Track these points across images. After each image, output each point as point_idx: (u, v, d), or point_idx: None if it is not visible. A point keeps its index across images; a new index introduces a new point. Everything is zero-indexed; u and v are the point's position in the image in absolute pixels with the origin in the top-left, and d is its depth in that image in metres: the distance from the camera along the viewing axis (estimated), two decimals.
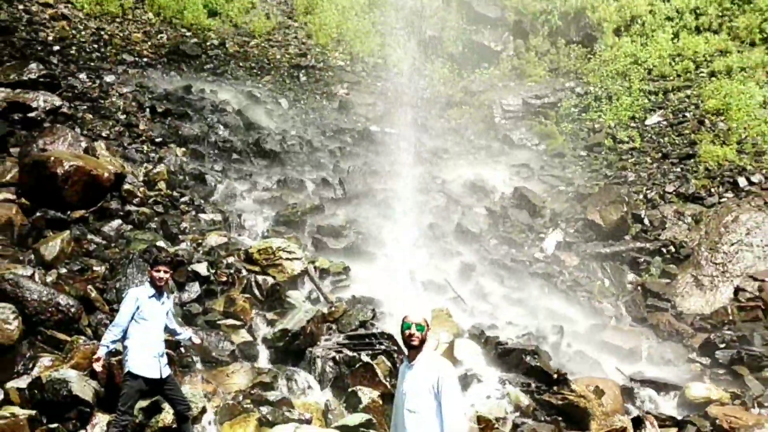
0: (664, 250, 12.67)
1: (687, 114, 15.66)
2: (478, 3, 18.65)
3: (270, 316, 8.97)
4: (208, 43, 17.79)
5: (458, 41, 18.44)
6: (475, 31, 18.41)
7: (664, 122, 15.67)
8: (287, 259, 9.79)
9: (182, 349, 7.85)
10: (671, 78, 16.60)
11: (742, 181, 13.56)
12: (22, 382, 6.88)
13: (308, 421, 7.22)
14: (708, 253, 12.38)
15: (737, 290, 11.80)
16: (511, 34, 18.36)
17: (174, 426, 6.71)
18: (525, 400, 8.33)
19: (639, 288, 12.16)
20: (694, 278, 12.15)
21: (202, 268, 9.22)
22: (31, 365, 7.16)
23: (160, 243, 9.61)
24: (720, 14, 17.23)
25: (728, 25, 16.99)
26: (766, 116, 14.96)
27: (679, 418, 8.66)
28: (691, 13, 17.53)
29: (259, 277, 9.48)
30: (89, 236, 9.50)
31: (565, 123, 16.30)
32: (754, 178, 13.59)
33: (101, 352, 6.40)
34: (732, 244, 12.37)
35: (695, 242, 12.64)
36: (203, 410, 7.13)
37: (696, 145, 14.75)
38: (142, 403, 6.72)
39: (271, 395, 7.51)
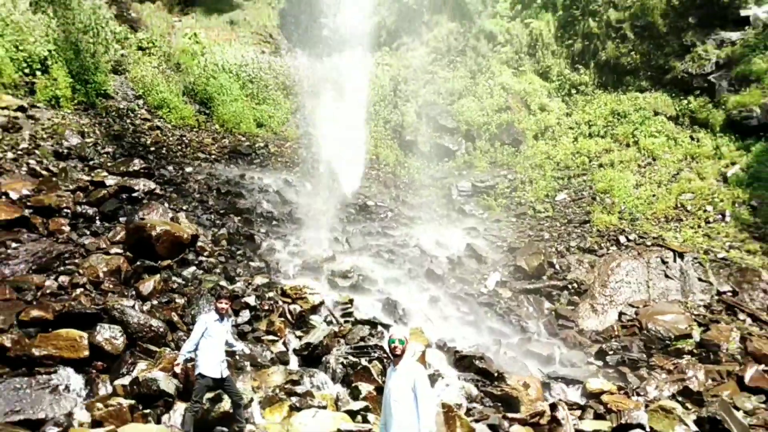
0: (570, 286, 12.63)
1: (584, 193, 15.73)
2: (440, 117, 18.75)
3: (298, 333, 8.98)
4: (256, 145, 17.87)
5: (427, 143, 18.52)
6: (439, 136, 18.50)
7: (569, 198, 15.73)
8: (310, 293, 9.83)
9: (237, 357, 7.84)
10: (573, 168, 16.69)
11: (622, 239, 13.57)
12: (125, 380, 6.92)
13: (324, 407, 7.24)
14: (600, 288, 12.35)
15: (620, 314, 11.76)
16: (463, 138, 18.45)
17: (231, 411, 6.73)
18: (475, 392, 8.31)
19: (553, 313, 12.10)
20: (591, 306, 12.11)
21: (251, 300, 9.25)
22: (131, 368, 7.17)
23: (222, 283, 9.63)
24: (605, 125, 17.37)
25: (611, 133, 17.12)
26: (637, 194, 15.05)
27: (582, 403, 8.61)
28: (585, 125, 17.68)
29: (291, 306, 9.47)
30: (173, 278, 9.47)
31: (500, 199, 16.33)
32: (630, 237, 13.61)
33: (180, 359, 6.55)
34: (616, 282, 12.35)
35: (591, 281, 12.62)
36: (251, 400, 7.18)
37: (590, 214, 14.79)
38: (209, 395, 6.72)
39: (299, 389, 7.53)
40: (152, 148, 15.30)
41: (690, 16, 17.28)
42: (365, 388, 7.70)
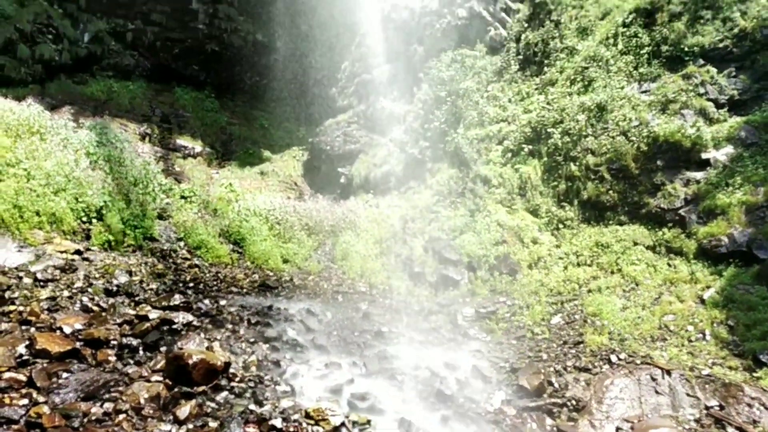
0: (569, 403, 12.25)
1: (576, 316, 15.57)
2: (445, 251, 18.89)
3: None
4: (282, 279, 17.98)
5: (434, 274, 18.56)
6: (444, 268, 18.56)
7: (563, 321, 15.55)
8: (331, 415, 9.56)
9: None
10: (565, 294, 16.62)
11: (614, 358, 13.29)
12: None
13: None
14: (596, 405, 11.97)
15: (617, 429, 11.31)
16: (465, 269, 18.50)
17: None
18: None
19: (555, 429, 11.67)
20: (589, 422, 11.68)
21: (278, 422, 8.98)
22: None
23: (252, 406, 9.41)
24: (591, 255, 17.44)
25: (597, 262, 17.17)
26: (624, 317, 14.88)
27: None
28: (573, 255, 17.76)
29: (314, 428, 9.19)
30: (207, 403, 9.28)
31: (501, 323, 16.17)
32: (621, 356, 13.34)
33: None
34: (611, 399, 11.98)
35: (588, 398, 12.25)
36: None
37: (583, 336, 14.56)
38: None
39: None
40: (191, 284, 15.42)
41: (658, 160, 17.77)
42: None
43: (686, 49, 19.04)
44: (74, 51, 27.73)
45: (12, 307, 11.10)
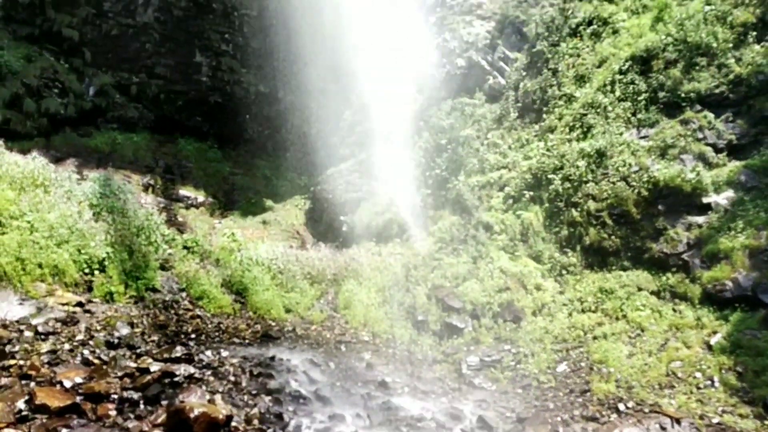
0: None
1: (582, 364, 15.41)
2: (448, 299, 18.82)
3: None
4: (285, 329, 17.87)
5: (438, 322, 18.45)
6: (447, 316, 18.46)
7: (569, 369, 15.38)
8: None
9: None
10: (570, 341, 16.47)
11: (621, 406, 13.11)
12: None
13: None
14: None
15: None
16: (469, 317, 18.38)
17: None
18: None
19: None
20: None
21: None
22: None
23: None
24: (595, 301, 17.35)
25: (601, 308, 17.06)
26: (630, 364, 14.72)
27: None
28: (578, 301, 17.67)
29: None
30: None
31: (507, 372, 15.99)
32: (629, 404, 13.15)
33: None
34: None
35: None
36: None
37: (590, 384, 14.39)
38: None
39: None
40: (193, 335, 15.33)
41: (659, 205, 17.83)
42: None
43: (683, 95, 19.30)
44: (79, 104, 28.18)
45: (12, 362, 11.03)
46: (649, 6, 23.04)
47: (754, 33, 19.06)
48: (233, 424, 10.31)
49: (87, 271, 16.32)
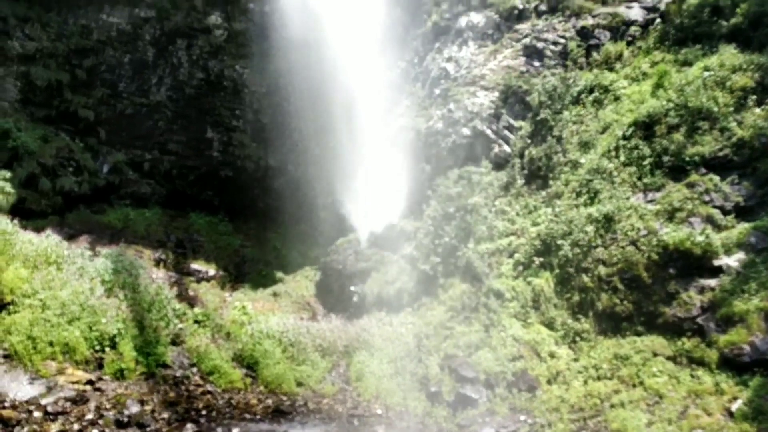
0: None
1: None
2: (461, 368, 18.59)
3: None
4: (296, 404, 17.62)
5: (451, 393, 18.14)
6: (461, 386, 18.17)
7: None
8: None
9: None
10: (587, 410, 16.10)
11: None
12: None
13: None
14: None
15: None
16: (483, 387, 18.10)
17: None
18: None
19: None
20: None
21: None
22: None
23: None
24: (610, 368, 17.06)
25: (617, 375, 16.76)
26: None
27: None
28: (593, 368, 17.41)
29: None
30: None
31: None
32: None
33: None
34: None
35: None
36: None
37: None
38: None
39: None
40: (204, 412, 15.15)
41: (670, 268, 17.75)
42: None
43: (687, 158, 19.50)
44: (93, 182, 28.74)
45: None
46: (649, 73, 23.57)
47: (754, 97, 19.41)
48: None
49: (98, 348, 16.31)
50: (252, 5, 33.14)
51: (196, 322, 20.10)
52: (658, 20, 25.57)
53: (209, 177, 33.04)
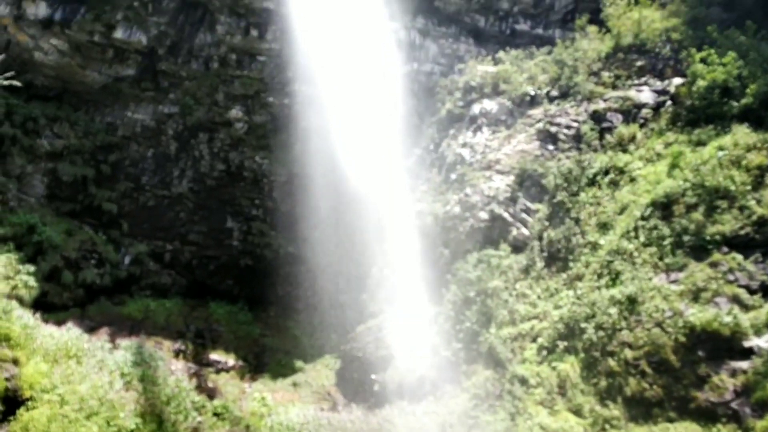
0: None
1: None
2: None
3: None
4: None
5: None
6: None
7: None
8: None
9: None
10: None
11: None
12: None
13: None
14: None
15: None
16: None
17: None
18: None
19: None
20: None
21: None
22: None
23: None
24: None
25: None
26: None
27: None
28: None
29: None
30: None
31: None
32: None
33: None
34: None
35: None
36: None
37: None
38: None
39: None
40: None
41: (699, 350, 17.32)
42: None
43: (708, 237, 19.38)
44: (115, 274, 29.10)
45: None
46: (663, 154, 23.79)
47: None
48: None
49: None
50: (271, 98, 34.30)
51: (215, 414, 19.79)
52: (669, 102, 26.04)
53: (229, 266, 33.33)
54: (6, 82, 26.43)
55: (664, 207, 21.09)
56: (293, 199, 34.27)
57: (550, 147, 27.86)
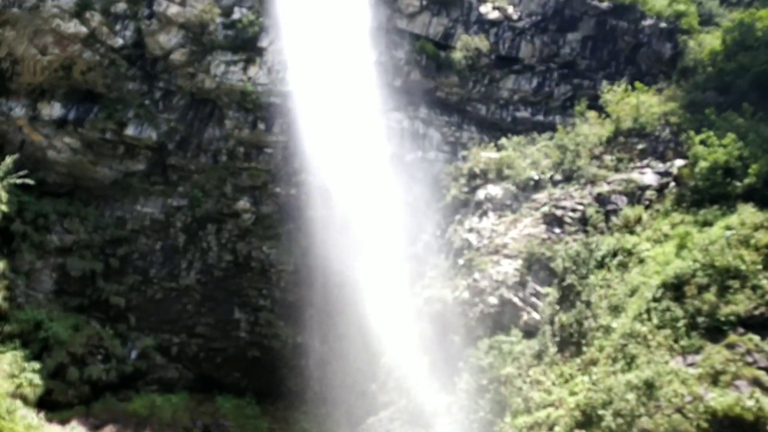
0: None
1: None
2: None
3: None
4: None
5: None
6: None
7: None
8: None
9: None
10: None
11: None
12: None
13: None
14: None
15: None
16: None
17: None
18: None
19: None
20: None
21: None
22: None
23: None
24: None
25: None
26: None
27: None
28: None
29: None
30: None
31: None
32: None
33: None
34: None
35: None
36: None
37: None
38: None
39: None
40: None
41: None
42: None
43: (722, 318, 19.08)
44: (121, 369, 28.73)
45: None
46: (671, 235, 23.82)
47: None
48: None
49: None
50: (278, 189, 34.79)
51: None
52: (673, 184, 26.30)
53: (236, 358, 32.88)
54: (19, 181, 27.12)
55: (675, 288, 20.90)
56: (301, 289, 34.20)
57: (557, 230, 27.98)
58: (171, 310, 32.70)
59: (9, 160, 28.45)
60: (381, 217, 31.38)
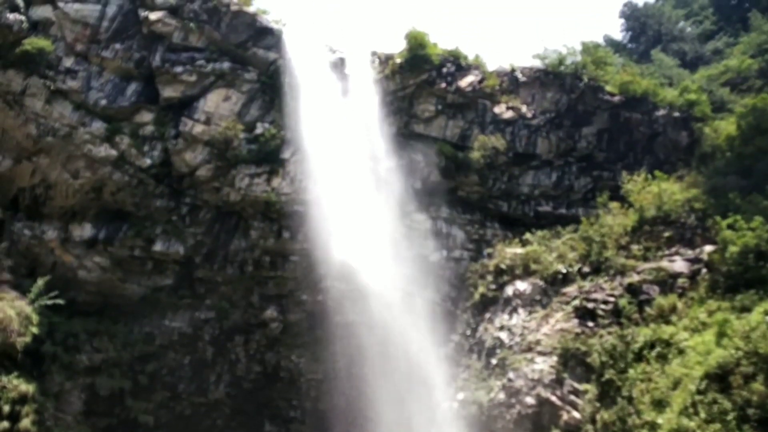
0: None
1: None
2: None
3: None
4: None
5: None
6: None
7: None
8: None
9: None
10: None
11: None
12: None
13: None
14: None
15: None
16: None
17: None
18: None
19: None
20: None
21: None
22: None
23: None
24: None
25: None
26: None
27: None
28: None
29: None
30: None
31: None
32: None
33: None
34: None
35: None
36: None
37: None
38: None
39: None
40: None
41: None
42: None
43: None
44: None
45: None
46: (708, 322, 23.20)
47: None
48: None
49: None
50: (305, 296, 34.75)
51: None
52: (705, 270, 25.91)
53: None
54: (50, 302, 27.53)
55: (719, 379, 20.15)
56: (331, 398, 33.50)
57: (590, 324, 27.39)
58: (201, 425, 32.04)
59: (41, 281, 29.02)
60: (409, 318, 31.09)
